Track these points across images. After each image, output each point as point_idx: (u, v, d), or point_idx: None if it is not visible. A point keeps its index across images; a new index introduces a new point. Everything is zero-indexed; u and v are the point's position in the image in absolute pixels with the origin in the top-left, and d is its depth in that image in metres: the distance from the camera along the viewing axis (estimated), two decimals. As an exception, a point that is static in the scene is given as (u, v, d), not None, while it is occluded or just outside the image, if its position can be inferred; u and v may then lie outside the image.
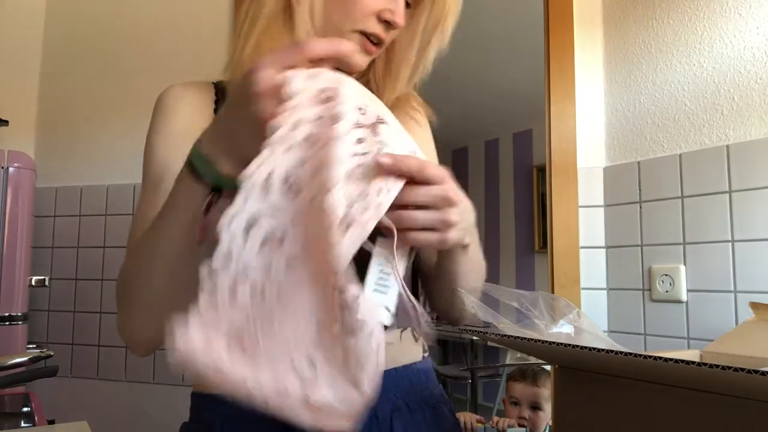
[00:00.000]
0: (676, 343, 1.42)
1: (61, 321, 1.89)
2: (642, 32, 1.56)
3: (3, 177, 1.67)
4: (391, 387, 0.73)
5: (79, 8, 2.00)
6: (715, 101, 1.41)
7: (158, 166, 0.76)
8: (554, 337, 0.61)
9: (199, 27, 1.82)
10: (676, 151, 1.47)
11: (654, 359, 0.48)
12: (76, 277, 1.89)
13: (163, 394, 1.75)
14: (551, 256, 1.63)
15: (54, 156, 1.97)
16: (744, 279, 1.32)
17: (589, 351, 0.53)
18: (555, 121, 1.65)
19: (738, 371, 0.42)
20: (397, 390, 0.74)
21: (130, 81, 1.91)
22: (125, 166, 1.87)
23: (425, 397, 0.77)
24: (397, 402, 0.73)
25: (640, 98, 1.56)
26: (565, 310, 0.64)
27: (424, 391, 0.78)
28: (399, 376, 0.75)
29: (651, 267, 1.48)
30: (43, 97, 2.01)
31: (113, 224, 1.87)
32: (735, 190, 1.34)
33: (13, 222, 1.67)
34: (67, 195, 1.93)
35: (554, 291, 1.61)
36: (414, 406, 0.75)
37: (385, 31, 0.72)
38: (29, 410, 1.32)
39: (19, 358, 1.14)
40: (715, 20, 1.42)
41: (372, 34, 0.72)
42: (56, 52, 2.01)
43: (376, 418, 0.71)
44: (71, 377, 1.84)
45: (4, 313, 1.63)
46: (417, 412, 0.75)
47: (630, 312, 1.53)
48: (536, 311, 0.63)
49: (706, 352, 0.73)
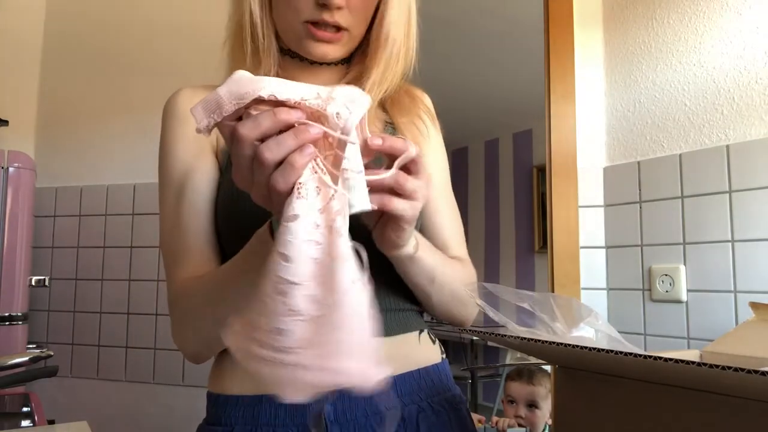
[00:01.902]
0: (676, 343, 1.42)
1: (61, 321, 1.89)
2: (642, 32, 1.56)
3: (3, 177, 1.67)
4: (416, 389, 0.76)
5: (79, 8, 2.00)
6: (715, 101, 1.41)
7: (180, 171, 0.76)
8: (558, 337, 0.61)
9: (198, 27, 1.82)
10: (676, 151, 1.47)
11: (654, 359, 0.48)
12: (76, 277, 1.89)
13: (163, 394, 1.75)
14: (551, 256, 1.63)
15: (54, 156, 1.97)
16: (744, 279, 1.32)
17: (589, 351, 0.53)
18: (555, 121, 1.65)
19: (738, 371, 0.42)
20: (420, 391, 0.76)
21: (130, 81, 1.91)
22: (125, 166, 1.87)
23: (447, 398, 0.79)
24: (422, 403, 0.76)
25: (640, 98, 1.56)
26: (583, 313, 0.64)
27: (447, 392, 0.80)
28: (422, 378, 0.77)
29: (651, 267, 1.48)
30: (43, 97, 2.01)
31: (113, 224, 1.87)
32: (735, 190, 1.34)
33: (13, 222, 1.67)
34: (67, 195, 1.93)
35: (554, 291, 1.61)
36: (437, 407, 0.77)
37: (330, 15, 0.72)
38: (29, 410, 1.32)
39: (19, 358, 1.14)
40: (715, 20, 1.42)
41: (316, 21, 0.73)
42: (56, 52, 2.01)
43: (403, 420, 0.73)
44: (71, 377, 1.85)
45: (4, 313, 1.64)
46: (441, 413, 0.77)
47: (630, 312, 1.53)
48: (548, 314, 0.62)
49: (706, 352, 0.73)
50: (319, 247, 0.48)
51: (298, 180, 0.48)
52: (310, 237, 0.48)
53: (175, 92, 0.80)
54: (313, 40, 0.74)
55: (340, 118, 0.48)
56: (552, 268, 1.63)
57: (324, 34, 0.73)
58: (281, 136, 0.47)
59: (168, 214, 0.76)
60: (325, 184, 0.50)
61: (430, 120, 0.86)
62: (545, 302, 0.64)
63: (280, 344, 0.46)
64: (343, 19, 0.73)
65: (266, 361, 0.47)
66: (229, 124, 0.48)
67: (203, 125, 0.48)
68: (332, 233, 0.49)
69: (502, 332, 0.63)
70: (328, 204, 0.49)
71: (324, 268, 0.48)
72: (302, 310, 0.47)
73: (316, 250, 0.48)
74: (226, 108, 0.47)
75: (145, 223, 1.83)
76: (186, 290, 0.71)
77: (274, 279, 0.47)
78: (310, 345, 0.47)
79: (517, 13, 3.08)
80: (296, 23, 0.74)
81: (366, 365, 0.47)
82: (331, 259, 0.48)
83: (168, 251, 0.76)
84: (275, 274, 0.47)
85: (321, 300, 0.47)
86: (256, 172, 0.48)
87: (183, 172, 0.75)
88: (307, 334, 0.47)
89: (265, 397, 0.72)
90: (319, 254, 0.48)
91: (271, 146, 0.47)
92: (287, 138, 0.47)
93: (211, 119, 0.48)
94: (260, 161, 0.47)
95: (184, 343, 0.74)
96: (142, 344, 1.79)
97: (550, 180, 1.64)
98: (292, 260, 0.47)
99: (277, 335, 0.46)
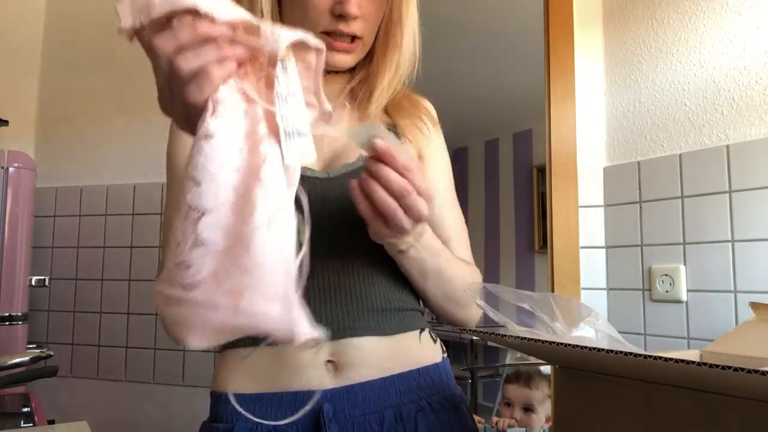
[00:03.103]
0: (676, 343, 1.42)
1: (61, 321, 1.89)
2: (642, 32, 1.56)
3: (3, 177, 1.67)
4: (415, 387, 0.76)
5: (79, 8, 2.00)
6: (715, 101, 1.41)
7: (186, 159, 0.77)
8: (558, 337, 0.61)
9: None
10: (676, 151, 1.47)
11: (654, 359, 0.48)
12: (76, 277, 1.89)
13: (163, 394, 1.75)
14: (551, 256, 1.63)
15: (54, 156, 1.97)
16: (744, 279, 1.32)
17: (589, 351, 0.53)
18: (555, 121, 1.65)
19: (738, 371, 0.42)
20: (419, 390, 0.76)
21: (130, 81, 1.90)
22: (125, 166, 1.87)
23: (447, 397, 0.79)
24: (421, 402, 0.76)
25: (640, 98, 1.56)
26: (583, 312, 0.64)
27: (446, 391, 0.80)
28: (421, 377, 0.77)
29: (651, 267, 1.48)
30: (43, 97, 2.01)
31: (113, 224, 1.87)
32: (735, 190, 1.34)
33: (13, 222, 1.67)
34: (67, 195, 1.93)
35: (554, 291, 1.61)
36: (437, 406, 0.77)
37: (345, 25, 0.74)
38: (29, 410, 1.32)
39: (19, 358, 1.14)
40: (715, 20, 1.42)
41: (332, 31, 0.74)
42: (56, 52, 2.01)
43: (402, 418, 0.73)
44: (71, 377, 1.84)
45: (4, 313, 1.64)
46: (440, 412, 0.77)
47: (630, 312, 1.53)
48: (548, 314, 0.62)
49: (706, 352, 0.73)
50: (236, 175, 0.44)
51: (215, 94, 0.44)
52: (228, 161, 0.44)
53: None
54: (331, 51, 0.75)
55: (274, 35, 0.45)
56: (552, 268, 1.63)
57: (341, 44, 0.75)
58: (201, 47, 0.44)
59: (173, 198, 0.78)
60: (253, 102, 0.45)
61: (431, 123, 0.87)
62: (545, 302, 0.64)
63: (186, 280, 0.42)
64: (358, 28, 0.75)
65: (174, 300, 0.42)
66: (148, 35, 0.45)
67: (127, 24, 0.44)
68: (256, 157, 0.44)
69: (502, 332, 0.63)
70: (254, 127, 0.45)
71: (241, 198, 0.43)
72: (209, 239, 0.42)
73: (234, 177, 0.43)
74: (156, 11, 0.43)
75: (145, 223, 1.83)
76: None
77: (183, 206, 0.43)
78: (218, 281, 0.41)
79: (517, 13, 3.07)
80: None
81: (289, 313, 0.42)
82: (249, 187, 0.43)
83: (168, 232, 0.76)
84: (184, 200, 0.43)
85: (232, 230, 0.42)
86: (174, 89, 0.46)
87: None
88: (215, 268, 0.42)
89: (266, 395, 0.73)
90: (237, 182, 0.43)
91: (188, 56, 0.44)
92: (207, 50, 0.44)
93: (136, 19, 0.44)
94: (176, 72, 0.45)
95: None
96: (142, 344, 1.79)
97: (550, 180, 1.64)
98: (202, 184, 0.43)
99: (184, 270, 0.42)
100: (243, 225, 0.42)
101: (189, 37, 0.44)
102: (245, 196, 0.43)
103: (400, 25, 0.79)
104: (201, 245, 0.42)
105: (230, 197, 0.43)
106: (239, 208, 0.43)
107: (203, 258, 0.42)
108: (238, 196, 0.43)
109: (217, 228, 0.42)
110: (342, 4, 0.72)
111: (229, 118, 0.44)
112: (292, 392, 0.73)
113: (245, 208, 0.42)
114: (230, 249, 0.42)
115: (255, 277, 0.41)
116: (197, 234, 0.42)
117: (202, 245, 0.42)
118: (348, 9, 0.72)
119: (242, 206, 0.43)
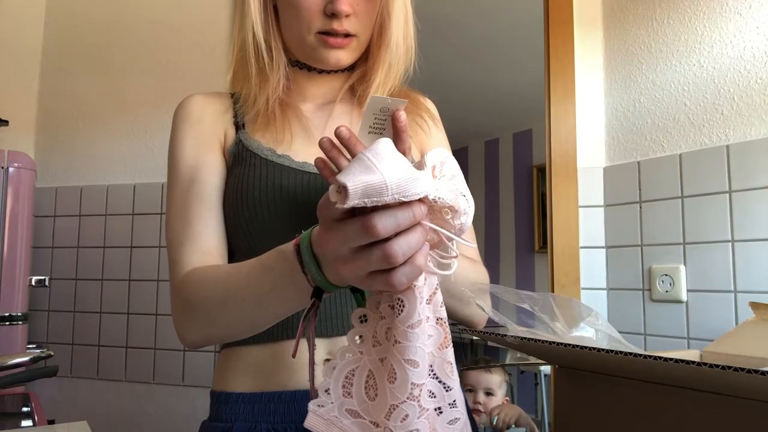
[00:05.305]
0: (676, 343, 1.42)
1: (61, 321, 1.89)
2: (642, 32, 1.56)
3: (3, 177, 1.67)
4: None
5: (79, 8, 2.00)
6: (715, 101, 1.41)
7: (189, 169, 0.80)
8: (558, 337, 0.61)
9: (198, 27, 1.82)
10: (676, 151, 1.47)
11: (654, 359, 0.48)
12: (76, 277, 1.89)
13: (163, 394, 1.75)
14: (551, 256, 1.63)
15: (54, 156, 1.97)
16: (744, 279, 1.32)
17: (589, 351, 0.53)
18: (555, 121, 1.65)
19: (738, 371, 0.42)
20: None
21: (130, 81, 1.91)
22: (125, 166, 1.87)
23: None
24: None
25: (640, 98, 1.56)
26: (583, 312, 0.64)
27: None
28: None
29: (651, 267, 1.48)
30: (43, 97, 2.01)
31: (113, 224, 1.87)
32: (735, 190, 1.34)
33: (13, 222, 1.67)
34: (67, 195, 1.93)
35: (554, 291, 1.61)
36: None
37: (339, 23, 0.76)
38: (29, 410, 1.32)
39: (19, 358, 1.14)
40: (715, 20, 1.42)
41: (327, 31, 0.77)
42: (56, 52, 2.01)
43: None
44: (71, 377, 1.84)
45: (4, 313, 1.63)
46: None
47: (630, 312, 1.53)
48: (548, 314, 0.63)
49: (706, 352, 0.73)
50: (431, 340, 0.49)
51: (418, 281, 0.46)
52: (427, 333, 0.48)
53: (188, 97, 0.85)
54: (327, 48, 0.78)
55: (457, 216, 0.48)
56: (552, 268, 1.63)
57: (336, 41, 0.77)
58: (410, 235, 0.45)
59: (176, 205, 0.78)
60: (432, 273, 0.49)
61: (432, 120, 0.89)
62: (545, 302, 0.64)
63: None
64: (351, 26, 0.77)
65: None
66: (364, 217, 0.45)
67: (353, 203, 0.42)
68: (442, 325, 0.50)
69: (502, 332, 0.63)
70: (434, 295, 0.49)
71: (437, 361, 0.49)
72: (427, 407, 0.48)
73: (430, 344, 0.49)
74: (385, 200, 0.43)
75: (145, 223, 1.83)
76: (193, 280, 0.71)
77: (405, 384, 0.46)
78: None
79: (518, 13, 3.07)
80: (308, 35, 0.77)
81: None
82: (442, 350, 0.49)
83: (174, 238, 0.76)
84: (406, 379, 0.46)
85: (438, 393, 0.49)
86: (372, 261, 0.45)
87: (192, 167, 0.79)
88: (431, 423, 0.48)
89: (265, 394, 0.73)
90: (432, 347, 0.49)
91: (403, 246, 0.44)
92: (415, 238, 0.45)
93: (362, 201, 0.43)
94: (388, 257, 0.44)
95: (184, 331, 0.73)
96: (142, 344, 1.79)
97: (550, 180, 1.64)
98: (421, 364, 0.46)
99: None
100: (443, 386, 0.50)
101: (407, 225, 0.44)
102: (439, 359, 0.50)
103: (390, 20, 0.80)
104: (424, 412, 0.47)
105: (429, 362, 0.49)
106: (438, 372, 0.50)
107: (426, 421, 0.48)
108: (434, 360, 0.50)
109: (427, 395, 0.49)
110: (333, 3, 0.74)
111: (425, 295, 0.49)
112: (290, 391, 0.73)
113: (442, 371, 0.50)
114: (440, 413, 0.49)
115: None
116: (420, 403, 0.47)
117: (424, 412, 0.48)
118: (339, 7, 0.74)
119: (440, 370, 0.50)
